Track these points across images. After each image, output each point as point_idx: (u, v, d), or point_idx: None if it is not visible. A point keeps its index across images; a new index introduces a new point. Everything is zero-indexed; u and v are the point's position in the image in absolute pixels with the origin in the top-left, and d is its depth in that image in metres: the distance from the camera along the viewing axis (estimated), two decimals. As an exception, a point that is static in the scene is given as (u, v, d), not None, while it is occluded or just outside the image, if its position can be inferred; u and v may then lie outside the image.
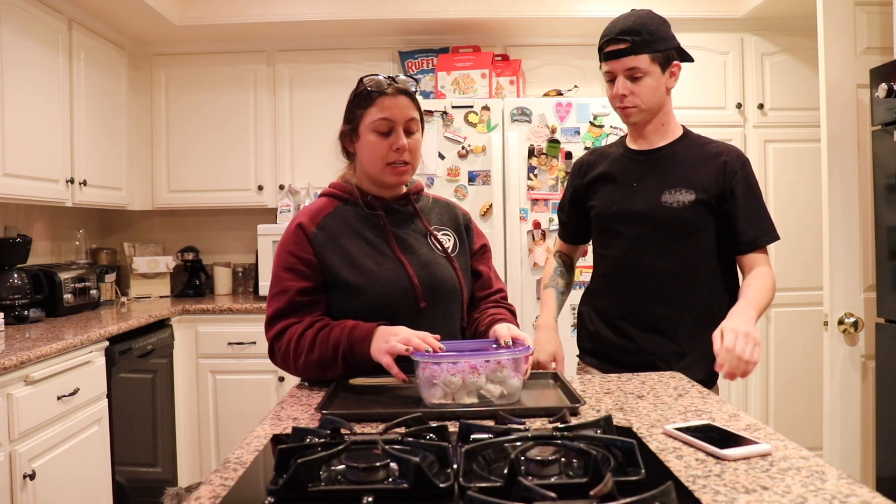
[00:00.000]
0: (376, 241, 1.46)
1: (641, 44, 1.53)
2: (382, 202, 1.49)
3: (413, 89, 1.45)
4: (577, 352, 1.82)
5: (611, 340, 1.66)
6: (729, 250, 1.61)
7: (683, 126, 1.69)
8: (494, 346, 1.30)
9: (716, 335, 1.36)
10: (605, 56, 1.59)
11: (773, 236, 1.59)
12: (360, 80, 1.44)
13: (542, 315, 1.77)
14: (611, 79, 1.61)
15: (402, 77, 1.43)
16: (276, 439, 1.04)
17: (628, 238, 1.63)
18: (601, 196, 1.69)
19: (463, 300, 1.52)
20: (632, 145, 1.69)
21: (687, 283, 1.59)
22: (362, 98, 1.43)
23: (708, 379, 1.58)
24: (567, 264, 1.89)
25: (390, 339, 1.27)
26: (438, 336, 1.27)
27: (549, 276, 1.86)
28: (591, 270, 1.82)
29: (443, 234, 1.54)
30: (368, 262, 1.42)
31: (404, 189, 1.54)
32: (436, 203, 1.60)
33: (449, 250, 1.51)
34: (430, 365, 1.17)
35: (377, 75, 1.43)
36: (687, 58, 1.63)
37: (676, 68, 1.60)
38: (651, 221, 1.59)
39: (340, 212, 1.48)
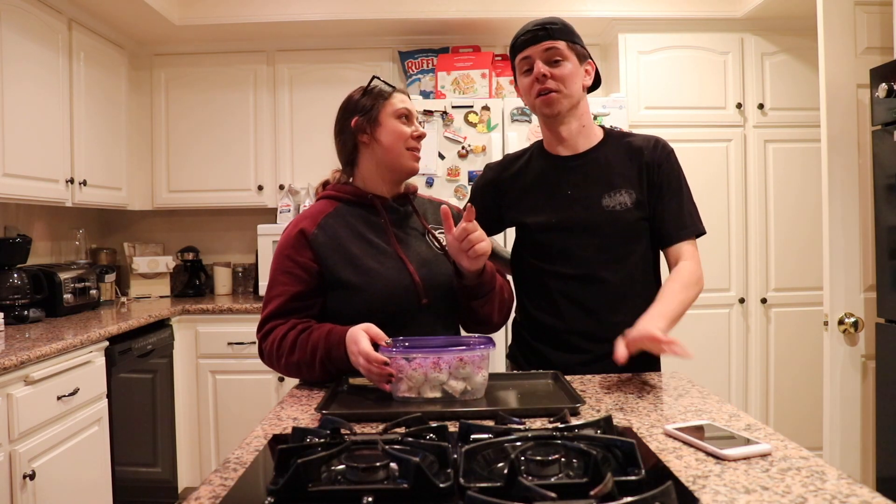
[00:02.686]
0: (377, 240, 1.48)
1: (558, 31, 1.52)
2: (383, 201, 1.52)
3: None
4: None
5: (560, 357, 1.57)
6: (657, 244, 1.57)
7: (602, 126, 1.65)
8: (462, 343, 1.28)
9: (618, 342, 1.29)
10: (519, 46, 1.54)
11: (696, 229, 1.55)
12: (372, 80, 1.53)
13: None
14: (527, 67, 1.54)
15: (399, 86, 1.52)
16: (276, 439, 1.04)
17: (576, 249, 1.54)
18: (532, 209, 1.59)
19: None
20: (555, 151, 1.61)
21: (640, 288, 1.54)
22: (379, 91, 1.51)
23: None
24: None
25: (352, 350, 1.28)
26: (388, 340, 1.28)
27: None
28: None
29: (440, 233, 1.56)
30: (370, 261, 1.44)
31: (402, 188, 1.57)
32: (430, 203, 1.64)
33: (446, 247, 1.51)
34: (397, 360, 1.21)
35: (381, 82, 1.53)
36: (597, 78, 1.62)
37: (591, 67, 1.58)
38: (596, 229, 1.53)
39: (340, 212, 1.50)
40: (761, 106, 3.30)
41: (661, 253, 1.59)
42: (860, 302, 2.24)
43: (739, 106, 3.29)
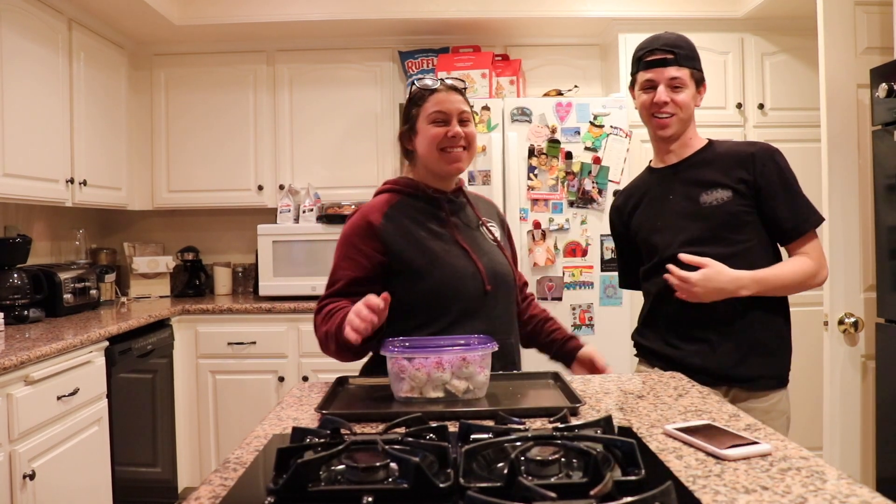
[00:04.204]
0: (439, 229, 1.54)
1: (685, 57, 1.63)
2: (441, 194, 1.58)
3: (462, 86, 1.57)
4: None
5: (678, 349, 1.64)
6: (777, 241, 1.63)
7: (709, 138, 1.72)
8: (462, 342, 1.28)
9: (702, 266, 1.51)
10: (646, 65, 1.65)
11: (813, 221, 1.58)
12: (412, 83, 1.58)
13: None
14: (649, 86, 1.65)
15: (450, 80, 1.57)
16: (276, 439, 1.04)
17: (682, 245, 1.60)
18: (642, 219, 1.72)
19: (517, 287, 1.65)
20: (658, 165, 1.73)
21: (745, 265, 1.57)
22: (416, 97, 1.56)
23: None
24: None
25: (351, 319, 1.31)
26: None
27: None
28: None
29: (490, 226, 1.66)
30: (435, 248, 1.50)
31: (455, 184, 1.64)
32: (478, 198, 1.72)
33: (499, 239, 1.64)
34: (399, 360, 1.21)
35: (427, 79, 1.57)
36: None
37: (704, 89, 1.68)
38: (696, 222, 1.61)
39: (404, 203, 1.56)
40: (761, 106, 3.30)
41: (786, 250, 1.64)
42: (860, 302, 2.24)
43: (739, 106, 3.29)
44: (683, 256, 1.55)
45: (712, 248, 1.58)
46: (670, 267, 1.55)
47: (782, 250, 1.65)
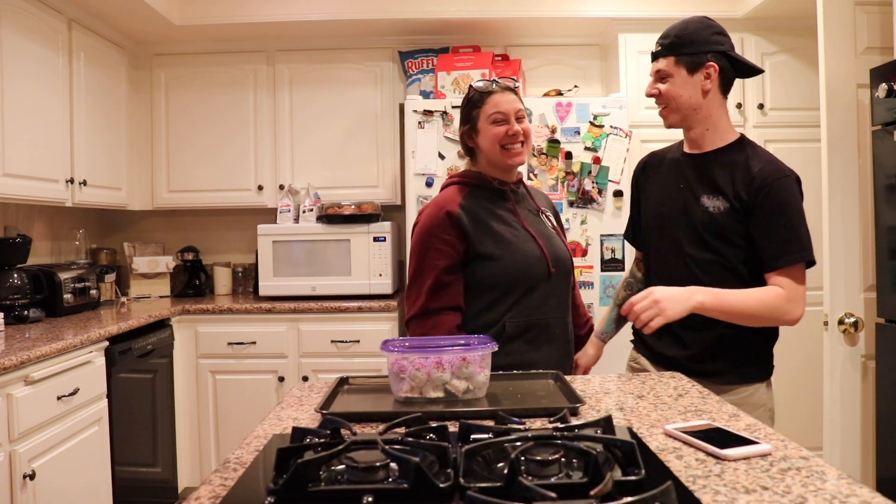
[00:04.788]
0: (507, 216, 1.69)
1: (667, 47, 1.61)
2: (505, 185, 1.73)
3: (515, 85, 1.74)
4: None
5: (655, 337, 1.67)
6: (760, 269, 1.57)
7: (743, 135, 1.67)
8: (462, 342, 1.30)
9: (641, 294, 1.49)
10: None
11: (798, 257, 1.50)
12: (470, 87, 1.73)
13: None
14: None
15: (502, 80, 1.73)
16: (276, 439, 1.04)
17: (673, 237, 1.65)
18: (651, 196, 1.76)
19: (573, 269, 1.80)
20: (685, 149, 1.71)
21: (725, 273, 1.57)
22: (476, 100, 1.71)
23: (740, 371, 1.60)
24: (642, 271, 1.87)
25: None
26: None
27: (618, 289, 1.91)
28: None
29: (547, 215, 1.81)
30: (506, 234, 1.66)
31: (515, 176, 1.77)
32: (534, 189, 1.89)
33: (556, 227, 1.80)
34: (399, 360, 1.21)
35: (480, 81, 1.72)
36: (742, 68, 1.63)
37: (713, 70, 1.58)
38: (691, 222, 1.61)
39: (474, 195, 1.70)
40: (761, 106, 3.30)
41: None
42: (860, 302, 2.24)
43: (739, 106, 3.29)
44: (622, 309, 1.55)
45: (698, 251, 1.59)
46: (629, 315, 1.51)
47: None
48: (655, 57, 1.63)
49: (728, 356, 1.59)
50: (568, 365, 1.75)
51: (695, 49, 1.59)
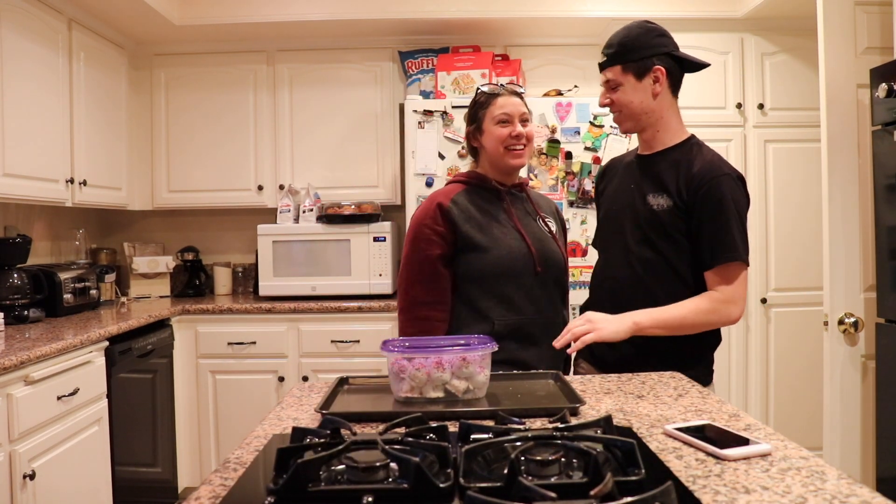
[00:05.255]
0: (499, 214, 1.74)
1: (613, 56, 1.64)
2: (503, 186, 1.78)
3: (521, 91, 1.79)
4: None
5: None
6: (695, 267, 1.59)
7: (693, 135, 1.68)
8: (462, 342, 1.30)
9: (577, 319, 1.51)
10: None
11: (731, 257, 1.52)
12: (478, 89, 1.80)
13: None
14: None
15: (510, 84, 1.78)
16: (276, 439, 1.04)
17: (620, 236, 1.67)
18: (606, 200, 1.79)
19: (567, 274, 1.83)
20: (639, 151, 1.75)
21: (668, 273, 1.59)
22: (482, 101, 1.76)
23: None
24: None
25: None
26: None
27: None
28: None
29: (548, 221, 1.84)
30: (494, 229, 1.70)
31: (517, 178, 1.83)
32: (540, 196, 1.94)
33: (554, 232, 1.82)
34: (399, 360, 1.21)
35: (486, 85, 1.79)
36: (688, 65, 1.64)
37: (660, 73, 1.60)
38: (636, 220, 1.63)
39: (469, 192, 1.76)
40: (761, 106, 3.30)
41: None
42: (860, 302, 2.24)
43: (739, 106, 3.29)
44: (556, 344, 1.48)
45: (642, 250, 1.60)
46: (564, 344, 1.47)
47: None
48: (603, 67, 1.65)
49: (665, 360, 1.55)
50: (559, 367, 1.73)
51: (640, 55, 1.61)
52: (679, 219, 1.57)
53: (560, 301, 1.79)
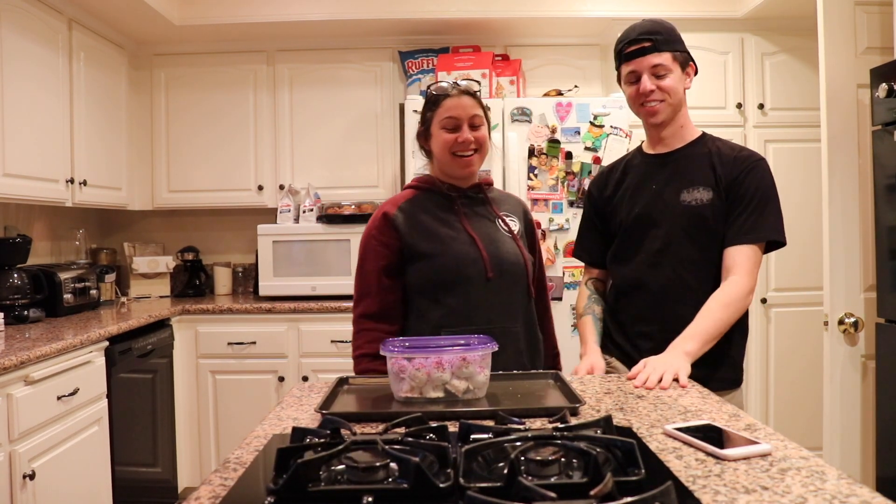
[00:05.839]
0: (449, 219, 1.64)
1: (663, 42, 1.59)
2: (459, 191, 1.68)
3: (475, 90, 1.64)
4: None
5: (632, 346, 1.65)
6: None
7: (703, 131, 1.70)
8: (462, 342, 1.29)
9: (638, 366, 1.42)
10: (626, 56, 1.63)
11: (764, 235, 1.54)
12: (429, 87, 1.67)
13: (585, 345, 1.72)
14: (634, 79, 1.63)
15: (463, 81, 1.64)
16: (276, 439, 1.04)
17: (655, 238, 1.62)
18: (623, 204, 1.70)
19: (528, 275, 1.67)
20: (649, 150, 1.71)
21: (713, 273, 1.58)
22: (431, 102, 1.64)
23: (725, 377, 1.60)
24: (600, 291, 1.84)
25: None
26: None
27: (583, 305, 1.82)
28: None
29: (510, 220, 1.72)
30: (443, 235, 1.60)
31: (476, 179, 1.71)
32: (504, 194, 1.81)
33: (515, 232, 1.69)
34: (399, 360, 1.21)
35: (442, 82, 1.65)
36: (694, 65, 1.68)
37: (692, 70, 1.64)
38: (673, 221, 1.60)
39: (419, 198, 1.67)
40: (761, 106, 3.30)
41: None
42: (860, 302, 2.24)
43: (739, 106, 3.29)
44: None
45: (683, 249, 1.58)
46: (636, 384, 1.38)
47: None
48: (646, 52, 1.59)
49: (703, 361, 1.52)
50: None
51: (682, 47, 1.62)
52: (720, 210, 1.57)
53: (522, 306, 1.65)
